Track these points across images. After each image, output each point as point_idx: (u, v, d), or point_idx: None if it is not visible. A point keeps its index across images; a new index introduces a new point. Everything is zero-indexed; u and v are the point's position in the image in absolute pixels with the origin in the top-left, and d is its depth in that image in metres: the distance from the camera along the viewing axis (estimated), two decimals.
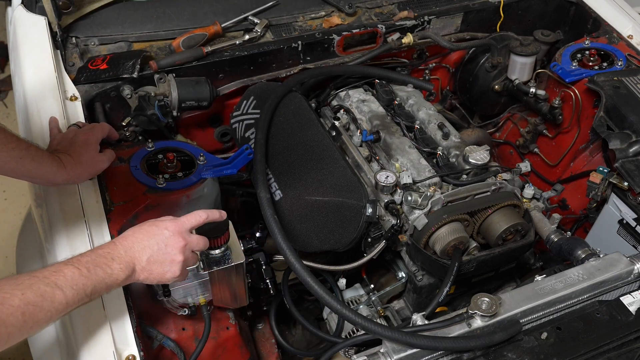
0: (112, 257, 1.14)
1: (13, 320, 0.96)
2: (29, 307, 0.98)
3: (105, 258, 1.13)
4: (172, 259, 1.21)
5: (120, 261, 1.15)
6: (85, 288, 1.08)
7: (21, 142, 1.30)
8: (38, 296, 1.00)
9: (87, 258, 1.11)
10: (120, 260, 1.15)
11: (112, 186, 1.51)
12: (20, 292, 0.99)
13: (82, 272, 1.08)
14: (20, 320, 0.97)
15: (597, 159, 2.01)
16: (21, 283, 1.00)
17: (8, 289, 0.98)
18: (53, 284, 1.03)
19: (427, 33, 2.13)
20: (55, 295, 1.03)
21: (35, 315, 1.00)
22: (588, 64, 2.08)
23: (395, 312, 1.83)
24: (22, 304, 0.98)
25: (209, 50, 1.87)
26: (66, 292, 1.04)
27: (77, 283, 1.06)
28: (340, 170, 1.65)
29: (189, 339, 1.47)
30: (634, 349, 1.26)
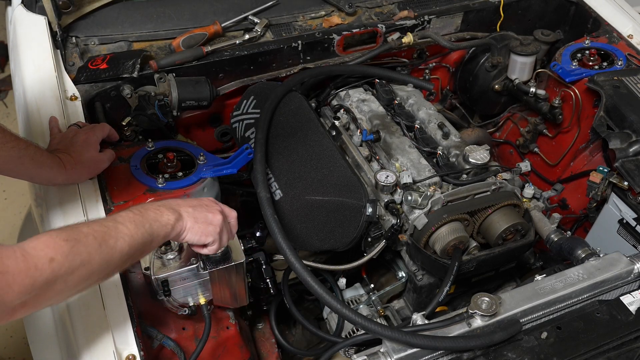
0: (159, 205, 1.20)
1: (88, 240, 1.02)
2: (98, 233, 1.04)
3: (152, 205, 1.20)
4: (213, 215, 1.26)
5: (167, 207, 1.20)
6: (144, 223, 1.13)
7: (20, 141, 1.30)
8: (103, 227, 1.07)
9: (136, 206, 1.18)
10: (166, 206, 1.20)
11: (112, 186, 1.51)
12: (85, 225, 1.06)
13: (135, 212, 1.14)
14: (94, 243, 1.03)
15: (597, 158, 2.01)
16: (82, 223, 1.07)
17: (73, 225, 1.05)
18: (113, 219, 1.10)
19: (427, 33, 2.13)
20: (118, 227, 1.09)
21: (106, 240, 1.05)
22: (588, 63, 2.08)
23: (395, 311, 1.83)
24: (90, 230, 1.04)
25: (209, 49, 1.88)
26: (127, 225, 1.10)
27: (134, 219, 1.12)
28: (340, 169, 1.65)
29: (189, 338, 1.47)
30: (634, 348, 1.26)
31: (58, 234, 0.99)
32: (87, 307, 1.28)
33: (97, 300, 1.28)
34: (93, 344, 1.22)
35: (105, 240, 1.04)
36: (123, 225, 1.09)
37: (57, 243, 0.97)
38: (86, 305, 1.28)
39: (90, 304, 1.28)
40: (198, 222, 1.24)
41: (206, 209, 1.27)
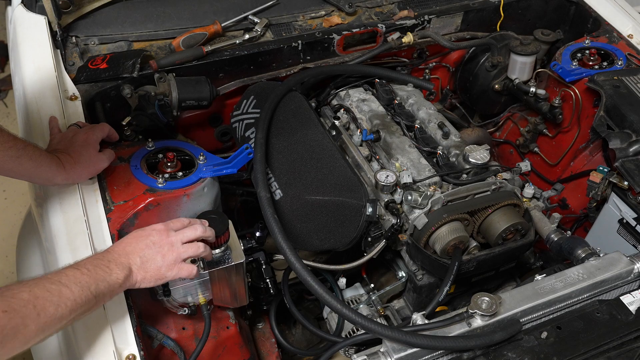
0: (109, 260, 1.21)
1: (26, 311, 1.01)
2: (38, 300, 1.03)
3: (102, 260, 1.20)
4: (164, 254, 1.27)
5: (117, 263, 1.21)
6: (89, 285, 1.12)
7: (18, 141, 1.30)
8: (45, 291, 1.05)
9: (85, 261, 1.18)
10: (116, 262, 1.21)
11: (112, 186, 1.51)
12: (27, 288, 1.04)
13: (82, 271, 1.13)
14: (33, 312, 1.02)
15: (597, 158, 2.01)
16: (26, 283, 1.05)
17: (15, 287, 1.03)
18: (57, 281, 1.09)
19: (427, 32, 2.13)
20: (61, 290, 1.07)
21: (46, 308, 1.04)
22: (588, 63, 2.07)
23: (395, 311, 1.83)
24: (31, 297, 1.02)
25: (209, 49, 1.87)
26: (72, 288, 1.09)
27: (80, 280, 1.11)
28: (340, 169, 1.65)
29: (189, 338, 1.47)
30: (634, 348, 1.26)
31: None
32: None
33: None
34: (93, 344, 1.22)
35: (44, 309, 1.03)
36: (67, 288, 1.08)
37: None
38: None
39: None
40: (148, 272, 1.25)
41: (157, 249, 1.26)
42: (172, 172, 1.57)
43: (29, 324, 1.01)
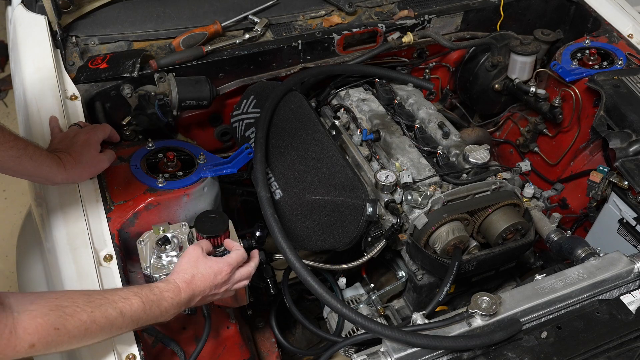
0: (172, 305, 1.22)
1: (76, 332, 1.05)
2: (92, 325, 1.07)
3: (167, 302, 1.21)
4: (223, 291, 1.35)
5: (178, 307, 1.24)
6: (139, 321, 1.16)
7: (19, 140, 1.30)
8: (103, 317, 1.09)
9: (153, 297, 1.19)
10: (178, 306, 1.24)
11: (112, 185, 1.51)
12: (90, 309, 1.07)
13: (145, 307, 1.16)
14: (82, 335, 1.06)
15: (597, 158, 2.01)
16: (93, 301, 1.09)
17: (81, 304, 1.06)
18: (119, 310, 1.12)
19: (427, 32, 2.13)
20: (117, 321, 1.11)
21: (94, 333, 1.08)
22: (588, 63, 2.07)
23: (395, 311, 1.83)
24: (88, 320, 1.06)
25: (209, 49, 1.87)
26: (126, 322, 1.13)
27: (139, 316, 1.15)
28: (341, 169, 1.65)
29: (189, 338, 1.47)
30: (633, 348, 1.26)
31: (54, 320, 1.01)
32: None
33: None
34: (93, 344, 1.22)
35: (93, 334, 1.07)
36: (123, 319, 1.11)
37: (46, 331, 1.00)
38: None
39: None
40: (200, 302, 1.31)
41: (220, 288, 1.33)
42: (172, 172, 1.57)
43: (72, 343, 1.05)
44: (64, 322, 1.02)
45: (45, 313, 1.01)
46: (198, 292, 1.27)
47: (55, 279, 1.38)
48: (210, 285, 1.30)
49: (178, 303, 1.23)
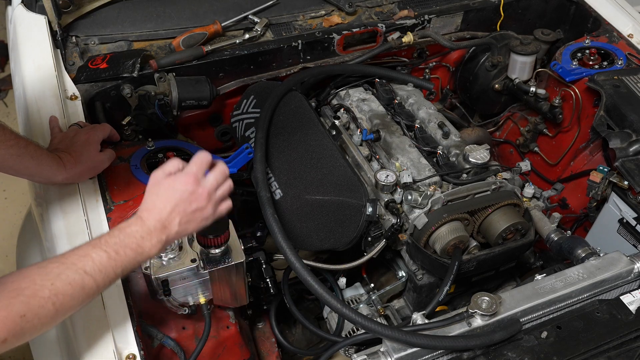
0: (142, 236, 1.12)
1: (44, 312, 0.98)
2: (58, 297, 1.00)
3: (134, 237, 1.11)
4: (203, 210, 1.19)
5: (151, 237, 1.13)
6: (115, 270, 1.08)
7: (20, 139, 1.31)
8: (67, 285, 1.01)
9: (115, 239, 1.09)
10: (151, 236, 1.12)
11: (113, 185, 1.51)
12: (49, 282, 0.99)
13: (110, 255, 1.07)
14: (52, 311, 0.99)
15: (597, 158, 2.01)
16: (50, 272, 1.01)
17: (38, 280, 0.99)
18: (82, 271, 1.03)
19: (427, 32, 2.13)
20: (84, 282, 1.03)
21: (65, 304, 1.01)
22: (588, 63, 2.07)
23: (395, 311, 1.83)
24: (51, 294, 0.99)
25: (209, 49, 1.87)
26: (96, 278, 1.05)
27: (106, 267, 1.06)
28: (341, 169, 1.65)
29: (189, 338, 1.47)
30: (633, 348, 1.26)
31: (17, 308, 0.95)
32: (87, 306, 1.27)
33: (97, 299, 1.28)
34: (93, 344, 1.22)
35: (63, 305, 1.01)
36: (91, 278, 1.04)
37: (14, 322, 0.94)
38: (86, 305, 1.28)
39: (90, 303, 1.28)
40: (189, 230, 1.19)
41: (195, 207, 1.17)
42: None
43: (46, 322, 1.00)
44: (28, 306, 0.96)
45: (7, 304, 0.94)
46: (166, 214, 1.13)
47: None
48: (178, 201, 1.14)
49: (149, 232, 1.11)
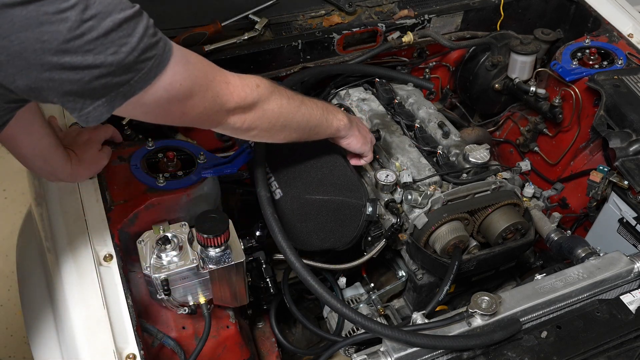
0: (336, 108, 1.52)
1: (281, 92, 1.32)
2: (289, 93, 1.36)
3: (331, 106, 1.51)
4: (365, 138, 1.60)
5: (344, 113, 1.52)
6: (324, 111, 1.44)
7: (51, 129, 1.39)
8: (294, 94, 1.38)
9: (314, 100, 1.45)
10: (342, 112, 1.52)
11: (113, 185, 1.51)
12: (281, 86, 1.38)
13: (320, 102, 1.46)
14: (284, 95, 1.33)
15: (597, 157, 2.01)
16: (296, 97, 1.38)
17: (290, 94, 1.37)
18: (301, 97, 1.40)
19: (428, 32, 2.13)
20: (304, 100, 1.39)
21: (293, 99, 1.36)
22: (588, 62, 2.07)
23: (395, 310, 1.83)
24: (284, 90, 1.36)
25: (209, 49, 1.87)
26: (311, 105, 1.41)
27: (318, 105, 1.43)
28: (340, 169, 1.65)
29: (189, 337, 1.47)
30: (634, 347, 1.26)
31: (263, 77, 1.29)
32: (87, 306, 1.28)
33: (98, 299, 1.28)
34: (93, 343, 1.22)
35: (293, 98, 1.34)
36: (308, 101, 1.39)
37: (261, 79, 1.27)
38: (87, 305, 1.28)
39: (90, 302, 1.28)
40: (361, 133, 1.56)
41: (364, 126, 1.61)
42: (172, 171, 1.57)
43: (283, 101, 1.30)
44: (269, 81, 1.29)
45: (262, 77, 1.29)
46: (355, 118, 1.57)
47: (55, 278, 1.38)
48: (358, 122, 1.59)
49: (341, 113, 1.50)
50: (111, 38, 0.92)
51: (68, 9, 0.87)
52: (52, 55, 0.88)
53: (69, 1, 0.87)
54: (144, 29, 0.96)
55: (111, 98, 0.97)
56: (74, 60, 0.90)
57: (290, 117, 1.34)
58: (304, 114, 1.37)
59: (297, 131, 1.39)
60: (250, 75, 1.26)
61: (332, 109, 1.47)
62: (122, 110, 1.02)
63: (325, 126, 1.45)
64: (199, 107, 1.13)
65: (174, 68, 1.03)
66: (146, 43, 0.96)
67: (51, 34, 0.87)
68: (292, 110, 1.33)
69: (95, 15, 0.89)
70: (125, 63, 0.94)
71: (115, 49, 0.92)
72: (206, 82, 1.13)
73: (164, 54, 1.01)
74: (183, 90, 1.07)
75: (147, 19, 0.98)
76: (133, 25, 0.95)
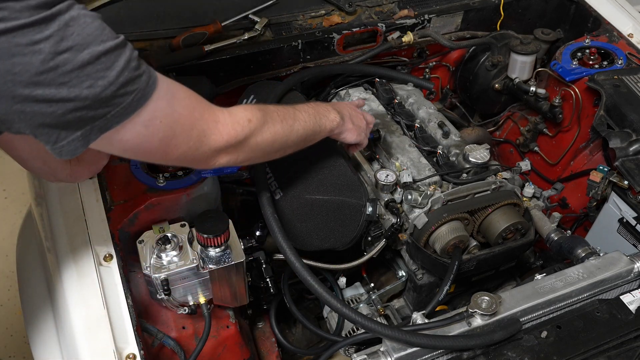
0: (326, 106, 1.48)
1: (274, 115, 1.27)
2: (281, 112, 1.31)
3: (321, 105, 1.47)
4: (360, 119, 1.57)
5: (333, 109, 1.48)
6: (316, 116, 1.41)
7: None
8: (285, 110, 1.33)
9: (305, 104, 1.43)
10: (333, 108, 1.49)
11: (113, 185, 1.51)
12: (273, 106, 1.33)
13: (309, 106, 1.42)
14: (278, 118, 1.28)
15: (597, 157, 2.01)
16: (269, 105, 1.34)
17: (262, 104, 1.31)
18: (293, 107, 1.37)
19: (428, 32, 2.13)
20: (296, 113, 1.36)
21: (286, 118, 1.31)
22: (588, 62, 2.07)
23: (395, 310, 1.83)
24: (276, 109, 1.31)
25: (209, 48, 1.87)
26: (303, 114, 1.37)
27: (309, 111, 1.40)
28: (341, 169, 1.65)
29: (189, 337, 1.47)
30: (633, 347, 1.26)
31: (253, 106, 1.24)
32: (87, 306, 1.28)
33: (98, 299, 1.28)
34: (93, 343, 1.22)
35: (285, 119, 1.29)
36: (300, 113, 1.35)
37: (253, 110, 1.21)
38: (87, 305, 1.28)
39: (90, 301, 1.28)
40: (354, 125, 1.53)
41: (357, 113, 1.57)
42: (172, 171, 1.57)
43: (276, 124, 1.26)
44: (261, 107, 1.25)
45: (243, 105, 1.24)
46: (346, 112, 1.51)
47: (55, 278, 1.38)
48: (353, 113, 1.54)
49: (333, 111, 1.47)
50: (87, 71, 0.88)
51: (42, 40, 0.84)
52: (23, 87, 0.85)
53: (43, 32, 0.84)
54: (125, 62, 0.92)
55: (86, 132, 0.94)
56: (47, 93, 0.86)
57: (285, 140, 1.30)
58: (297, 130, 1.33)
59: (292, 147, 1.37)
60: (241, 108, 1.21)
61: (323, 111, 1.44)
62: (99, 144, 0.98)
63: (319, 131, 1.42)
64: (182, 146, 1.07)
65: (156, 103, 0.99)
66: (126, 77, 0.92)
67: (23, 65, 0.84)
68: (287, 132, 1.30)
69: (71, 48, 0.87)
70: (101, 97, 0.91)
71: (91, 82, 0.89)
72: (191, 121, 1.07)
73: (146, 88, 0.97)
74: (164, 128, 1.02)
75: (131, 51, 0.95)
76: (113, 58, 0.91)
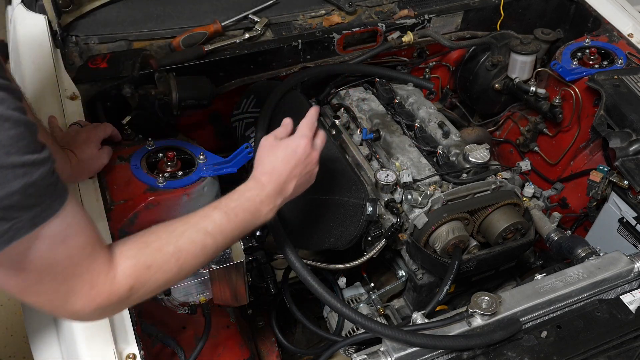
0: (261, 200, 1.19)
1: (168, 266, 1.03)
2: (182, 254, 1.05)
3: (254, 202, 1.18)
4: (312, 173, 1.31)
5: (269, 202, 1.20)
6: (233, 232, 1.14)
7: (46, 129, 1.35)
8: (190, 243, 1.06)
9: (235, 203, 1.16)
10: (269, 201, 1.20)
11: (113, 185, 1.51)
12: (174, 239, 1.05)
13: (230, 217, 1.13)
14: (175, 266, 1.04)
15: (597, 157, 2.01)
16: (174, 230, 1.06)
17: (164, 236, 1.05)
18: (204, 230, 1.09)
19: (428, 32, 2.13)
20: (205, 242, 1.08)
21: (187, 261, 1.06)
22: (588, 62, 2.07)
23: (395, 310, 1.83)
24: (176, 251, 1.04)
25: (209, 48, 1.87)
26: (216, 238, 1.10)
27: (226, 229, 1.12)
28: (341, 168, 1.65)
29: (189, 337, 1.47)
30: (633, 347, 1.26)
31: (144, 259, 1.00)
32: None
33: None
34: (93, 343, 1.22)
35: (186, 262, 1.06)
36: (212, 239, 1.09)
37: (140, 272, 0.99)
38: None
39: None
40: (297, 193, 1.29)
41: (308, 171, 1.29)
42: (172, 171, 1.57)
43: (170, 278, 1.05)
44: (154, 258, 1.01)
45: (135, 253, 1.00)
46: (284, 177, 1.23)
47: None
48: (297, 163, 1.24)
49: (267, 197, 1.19)
50: None
51: None
52: None
53: None
54: (21, 186, 0.80)
55: None
56: None
57: (178, 280, 1.08)
58: (201, 264, 1.11)
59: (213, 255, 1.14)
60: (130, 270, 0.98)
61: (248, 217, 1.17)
62: None
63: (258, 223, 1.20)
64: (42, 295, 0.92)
65: (36, 242, 0.86)
66: (14, 201, 0.79)
67: None
68: (182, 275, 1.08)
69: None
70: None
71: None
72: (66, 274, 0.91)
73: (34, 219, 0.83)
74: (33, 269, 0.88)
75: (41, 175, 0.82)
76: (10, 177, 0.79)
